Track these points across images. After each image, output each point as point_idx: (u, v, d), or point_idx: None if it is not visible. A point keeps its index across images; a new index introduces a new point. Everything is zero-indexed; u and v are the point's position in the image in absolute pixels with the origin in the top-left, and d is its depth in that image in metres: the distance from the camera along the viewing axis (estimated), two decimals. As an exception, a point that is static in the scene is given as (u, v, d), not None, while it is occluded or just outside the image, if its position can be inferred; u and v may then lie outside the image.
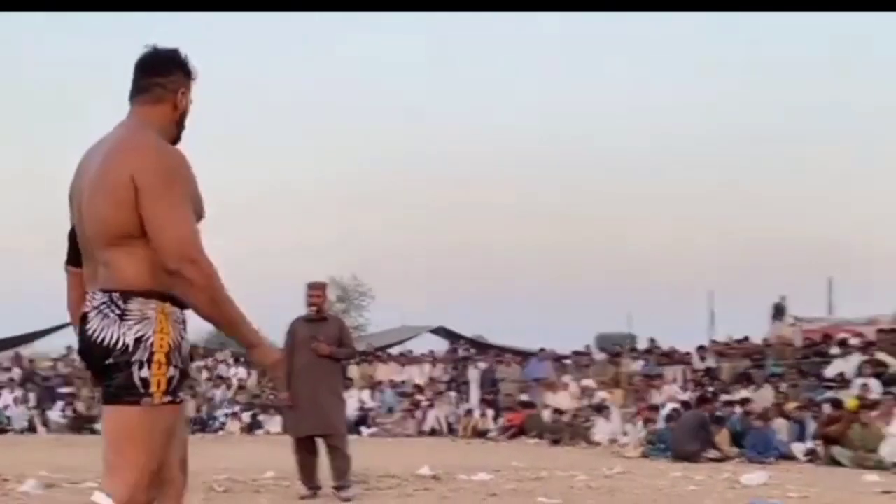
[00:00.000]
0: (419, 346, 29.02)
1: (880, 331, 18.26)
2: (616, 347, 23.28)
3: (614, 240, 47.10)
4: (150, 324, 3.12)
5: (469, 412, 22.05)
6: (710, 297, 26.06)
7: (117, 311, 3.12)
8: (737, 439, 15.07)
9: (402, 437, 21.04)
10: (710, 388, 17.63)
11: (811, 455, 14.39)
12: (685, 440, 14.61)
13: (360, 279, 36.95)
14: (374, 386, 24.14)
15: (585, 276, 47.84)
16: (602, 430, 18.20)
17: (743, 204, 48.55)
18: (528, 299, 45.81)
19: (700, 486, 10.22)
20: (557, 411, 19.41)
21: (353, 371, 23.97)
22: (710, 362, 19.67)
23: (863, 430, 13.67)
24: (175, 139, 3.37)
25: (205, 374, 25.59)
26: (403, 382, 24.28)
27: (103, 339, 3.12)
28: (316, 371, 8.45)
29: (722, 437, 15.03)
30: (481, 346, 27.48)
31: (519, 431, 20.18)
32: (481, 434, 20.85)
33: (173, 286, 3.13)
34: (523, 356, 25.20)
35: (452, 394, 23.35)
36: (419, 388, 23.99)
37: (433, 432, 22.00)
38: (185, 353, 3.23)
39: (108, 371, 3.13)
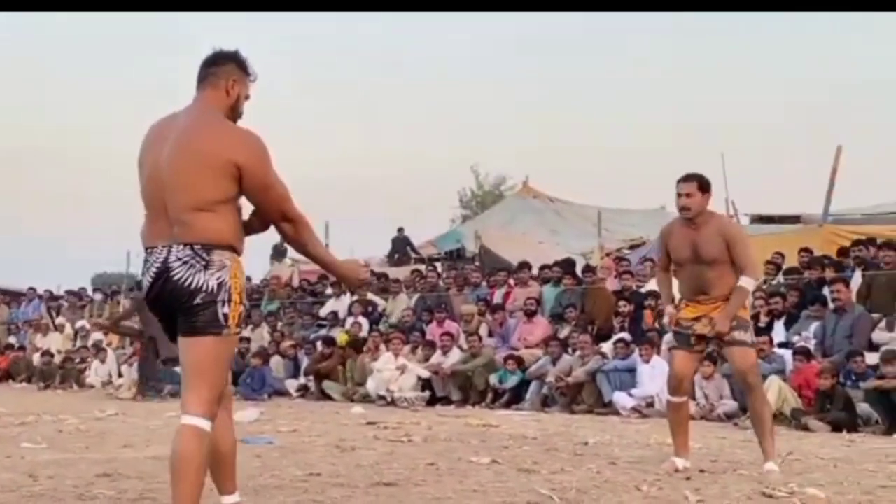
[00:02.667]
0: None
1: (371, 273, 19.32)
2: (113, 287, 22.65)
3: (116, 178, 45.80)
4: (227, 270, 3.82)
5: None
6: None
7: (202, 262, 3.78)
8: (234, 378, 15.29)
9: None
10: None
11: (303, 390, 15.00)
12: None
13: None
14: None
15: (83, 216, 45.98)
16: (97, 372, 17.61)
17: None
18: (20, 235, 43.51)
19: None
20: (48, 353, 18.62)
21: None
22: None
23: (352, 366, 14.50)
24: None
25: None
26: None
27: (191, 284, 3.76)
28: None
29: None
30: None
31: (6, 375, 19.50)
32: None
33: (240, 239, 3.93)
34: (12, 296, 23.80)
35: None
36: None
37: None
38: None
39: (192, 309, 3.77)
